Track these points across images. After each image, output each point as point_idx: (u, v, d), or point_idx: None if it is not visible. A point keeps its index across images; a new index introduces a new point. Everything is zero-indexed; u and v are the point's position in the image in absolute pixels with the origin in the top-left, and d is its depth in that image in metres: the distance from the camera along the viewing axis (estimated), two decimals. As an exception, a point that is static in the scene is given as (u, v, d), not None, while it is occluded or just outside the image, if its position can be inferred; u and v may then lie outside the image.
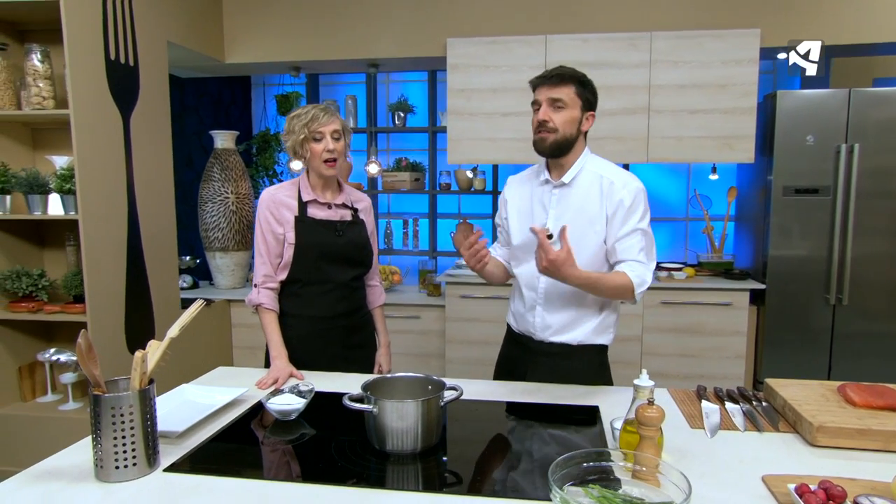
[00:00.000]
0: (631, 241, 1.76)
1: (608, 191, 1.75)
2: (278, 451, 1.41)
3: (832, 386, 1.63)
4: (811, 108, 3.20)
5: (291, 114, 1.97)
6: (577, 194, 1.79)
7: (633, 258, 1.76)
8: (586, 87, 1.77)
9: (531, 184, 1.89)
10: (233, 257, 3.98)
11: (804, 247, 3.29)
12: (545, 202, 1.83)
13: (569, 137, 1.75)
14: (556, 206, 1.81)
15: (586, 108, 1.77)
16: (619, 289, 1.73)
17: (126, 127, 3.00)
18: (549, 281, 1.80)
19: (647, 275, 1.76)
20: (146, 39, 3.12)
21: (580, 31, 3.51)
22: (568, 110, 1.73)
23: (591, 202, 1.78)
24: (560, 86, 1.72)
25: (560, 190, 1.81)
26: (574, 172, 1.79)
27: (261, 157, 4.71)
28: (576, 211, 1.78)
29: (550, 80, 1.73)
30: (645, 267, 1.76)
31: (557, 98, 1.72)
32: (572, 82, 1.73)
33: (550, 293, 1.83)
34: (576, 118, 1.75)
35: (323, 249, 1.97)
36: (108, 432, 1.18)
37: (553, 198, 1.82)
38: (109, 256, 2.89)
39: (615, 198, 1.74)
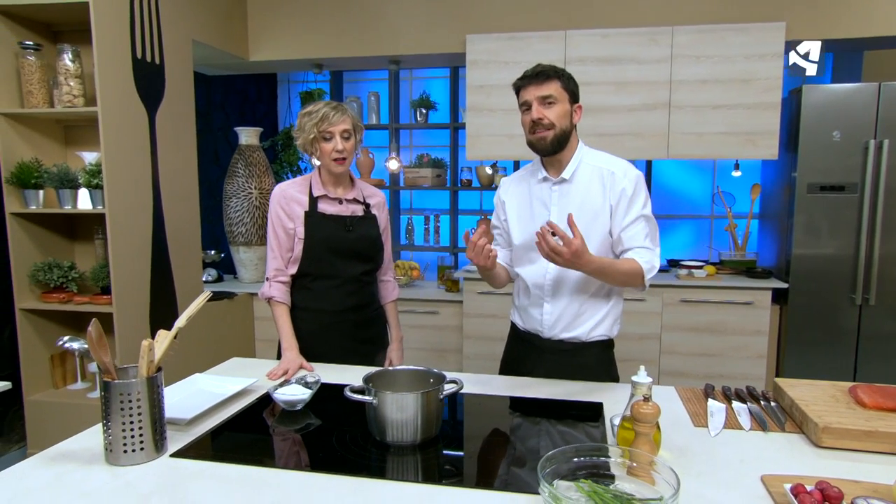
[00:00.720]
0: (636, 229, 1.77)
1: (610, 181, 1.77)
2: (282, 440, 1.45)
3: (843, 387, 1.60)
4: (838, 103, 3.11)
5: (303, 111, 1.99)
6: (579, 189, 1.80)
7: (640, 245, 1.77)
8: (570, 80, 1.78)
9: (528, 183, 1.89)
10: (256, 251, 4.05)
11: (829, 245, 3.21)
12: (545, 200, 1.83)
13: (566, 131, 1.76)
14: (557, 202, 1.81)
15: (573, 100, 1.78)
16: (629, 274, 1.74)
17: (152, 124, 3.08)
18: (556, 276, 1.81)
19: (654, 260, 1.78)
20: (172, 38, 3.20)
21: (600, 26, 3.47)
22: (559, 105, 1.74)
23: (593, 195, 1.78)
24: (547, 82, 1.73)
25: (560, 186, 1.82)
26: (573, 167, 1.80)
27: (285, 154, 4.79)
28: (579, 206, 1.78)
29: (536, 78, 1.74)
30: (652, 252, 1.78)
31: (547, 95, 1.72)
32: (556, 77, 1.74)
33: (558, 288, 1.83)
34: (567, 111, 1.76)
35: (332, 244, 2.00)
36: (116, 417, 1.22)
37: (554, 195, 1.82)
38: (135, 250, 2.98)
39: (617, 188, 1.76)
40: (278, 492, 1.16)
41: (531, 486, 1.20)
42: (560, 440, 1.47)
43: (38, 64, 2.88)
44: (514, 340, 2.03)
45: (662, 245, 4.40)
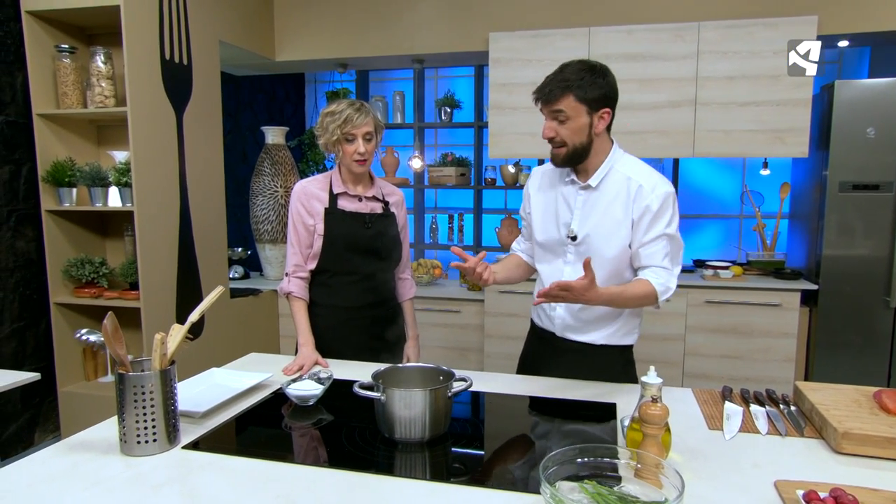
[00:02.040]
0: (656, 247, 1.70)
1: (636, 195, 1.69)
2: (292, 435, 1.47)
3: (868, 391, 1.55)
4: (873, 99, 3.01)
5: (325, 110, 1.98)
6: (604, 198, 1.73)
7: (657, 264, 1.70)
8: (588, 87, 1.64)
9: (557, 180, 1.82)
10: (281, 249, 4.11)
11: (862, 246, 3.11)
12: (571, 203, 1.78)
13: (580, 146, 1.68)
14: (581, 207, 1.76)
15: (595, 108, 1.66)
16: (642, 298, 1.69)
17: (179, 123, 3.15)
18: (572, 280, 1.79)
19: (671, 281, 1.71)
20: (199, 39, 3.27)
21: (624, 22, 3.43)
22: (572, 121, 1.65)
23: (617, 206, 1.71)
24: (557, 99, 1.65)
25: (586, 192, 1.75)
26: (601, 175, 1.73)
27: (311, 153, 4.85)
28: (601, 214, 1.73)
29: (546, 95, 1.66)
30: (669, 273, 1.71)
31: (558, 111, 1.65)
32: (569, 91, 1.63)
33: None
34: (583, 125, 1.66)
35: (350, 240, 2.02)
36: (130, 409, 1.26)
37: (579, 199, 1.76)
38: (162, 246, 3.05)
39: (642, 203, 1.68)
40: (286, 486, 1.17)
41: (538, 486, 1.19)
42: (570, 440, 1.46)
43: (72, 66, 2.97)
44: (532, 337, 2.02)
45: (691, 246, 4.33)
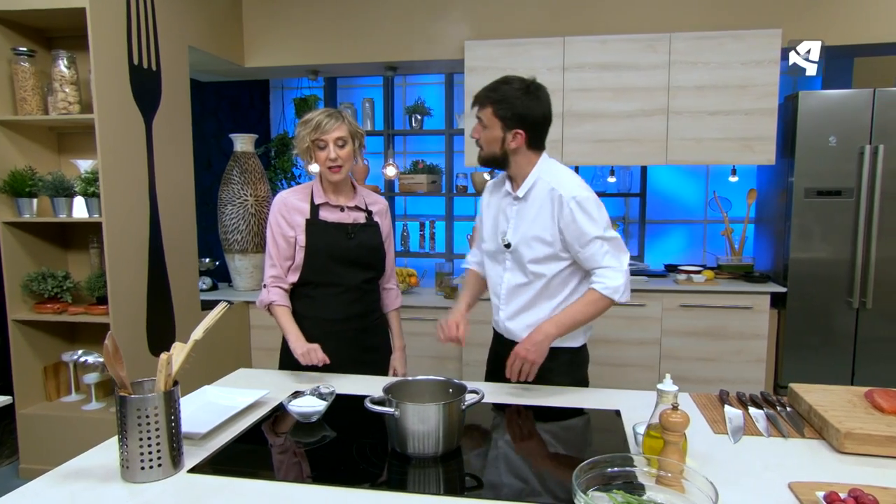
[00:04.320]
0: (593, 249, 1.76)
1: (558, 203, 1.75)
2: (300, 454, 1.42)
3: (859, 392, 1.61)
4: (834, 109, 3.15)
5: (301, 120, 1.99)
6: (532, 208, 1.80)
7: (601, 265, 1.77)
8: (510, 107, 1.72)
9: (500, 192, 1.91)
10: (251, 259, 4.01)
11: (826, 249, 3.24)
12: (507, 213, 1.87)
13: (494, 155, 1.79)
14: (514, 217, 1.84)
15: (510, 126, 1.74)
16: (596, 308, 1.78)
17: (148, 130, 3.04)
18: (508, 288, 1.88)
19: (617, 278, 1.76)
20: (168, 44, 3.17)
21: (598, 32, 3.49)
22: (488, 130, 1.76)
23: (543, 215, 1.78)
24: (482, 107, 1.76)
25: (518, 203, 1.83)
26: (527, 187, 1.80)
27: (279, 160, 4.74)
28: (530, 223, 1.80)
29: (475, 100, 1.78)
30: (614, 270, 1.77)
31: (479, 117, 1.78)
32: (489, 103, 1.74)
33: (510, 300, 1.89)
34: (497, 138, 1.76)
35: (333, 252, 1.99)
36: (133, 433, 1.19)
37: (512, 209, 1.85)
38: (132, 258, 2.93)
39: (565, 210, 1.74)
40: (303, 507, 1.13)
41: (556, 495, 1.19)
42: (580, 449, 1.46)
43: (31, 70, 2.83)
44: (494, 341, 2.09)
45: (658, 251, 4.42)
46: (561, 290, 1.83)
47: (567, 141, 3.50)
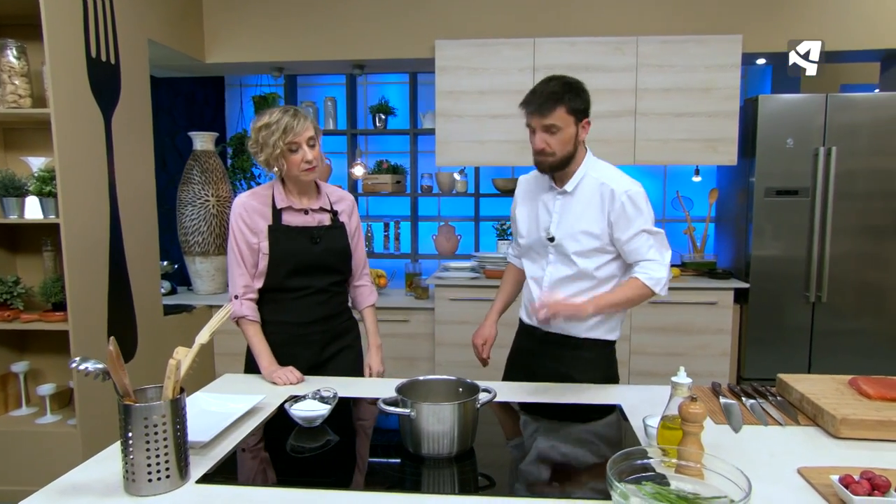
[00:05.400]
0: (639, 242, 1.80)
1: (609, 197, 1.80)
2: (309, 458, 1.37)
3: (843, 380, 1.68)
4: (790, 113, 3.31)
5: (257, 123, 1.83)
6: (579, 202, 1.84)
7: (644, 258, 1.82)
8: (576, 98, 1.75)
9: (540, 187, 1.93)
10: (213, 262, 3.87)
11: (785, 246, 3.39)
12: (550, 207, 1.89)
13: (568, 155, 1.80)
14: (559, 211, 1.87)
15: (580, 119, 1.78)
16: (636, 294, 1.81)
17: (108, 127, 2.89)
18: (551, 281, 1.88)
19: (660, 270, 1.81)
20: (127, 37, 3.02)
21: (568, 34, 3.54)
22: (563, 132, 1.75)
23: (592, 209, 1.82)
24: (550, 112, 1.72)
25: (563, 197, 1.86)
26: (576, 181, 1.84)
27: (237, 160, 4.60)
28: (576, 218, 1.83)
29: (540, 108, 1.73)
30: (657, 263, 1.82)
31: (550, 125, 1.73)
32: (560, 103, 1.72)
33: (554, 289, 1.87)
34: (572, 135, 1.77)
35: (298, 259, 1.90)
36: (140, 444, 1.12)
37: (557, 203, 1.87)
38: (91, 262, 2.77)
39: (616, 204, 1.79)
40: (326, 514, 1.09)
41: (568, 491, 1.21)
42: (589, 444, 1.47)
43: (-25, 61, 2.64)
44: (520, 335, 2.06)
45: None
46: (605, 284, 1.85)
47: (537, 141, 3.53)
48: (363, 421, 1.62)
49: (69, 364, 1.08)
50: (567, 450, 1.42)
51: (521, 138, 3.60)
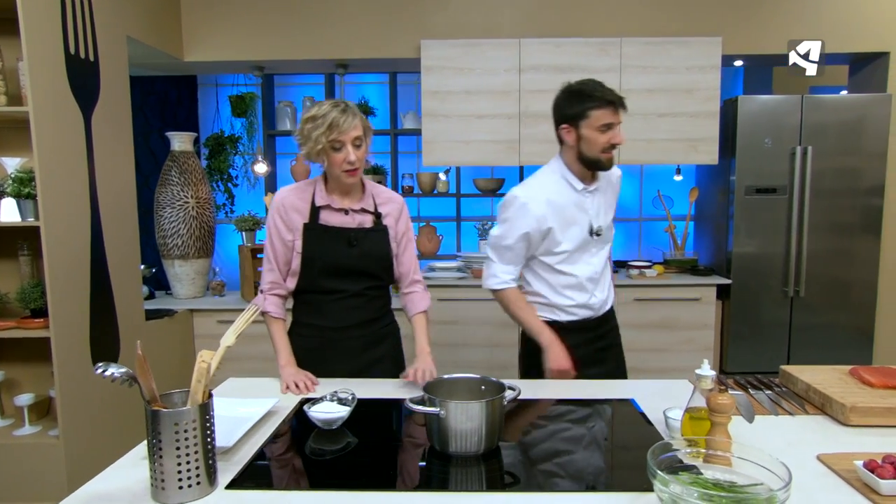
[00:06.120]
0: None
1: (617, 182, 2.16)
2: (333, 461, 1.35)
3: (843, 370, 1.74)
4: (768, 113, 3.42)
5: (306, 114, 1.76)
6: (604, 194, 2.08)
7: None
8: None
9: (567, 195, 1.98)
10: (193, 265, 3.78)
11: (764, 243, 3.50)
12: (585, 206, 2.01)
13: None
14: (595, 206, 2.03)
15: None
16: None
17: (87, 126, 2.79)
18: (598, 271, 2.07)
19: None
20: (106, 33, 2.92)
21: (553, 35, 3.58)
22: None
23: (610, 197, 2.13)
24: (623, 111, 1.93)
25: (591, 194, 2.03)
26: (599, 177, 2.05)
27: (214, 161, 4.50)
28: (607, 206, 2.10)
29: (622, 105, 1.91)
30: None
31: (621, 122, 1.93)
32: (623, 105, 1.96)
33: (601, 280, 2.10)
34: None
35: (330, 262, 1.82)
36: (170, 450, 1.08)
37: (590, 200, 2.02)
38: (73, 266, 2.67)
39: (619, 184, 2.18)
40: (366, 516, 1.07)
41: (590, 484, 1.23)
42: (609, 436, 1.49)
43: (-54, 57, 2.52)
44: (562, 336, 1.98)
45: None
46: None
47: (524, 141, 3.56)
48: (380, 421, 1.60)
49: (94, 370, 1.04)
50: (588, 443, 1.43)
51: (507, 138, 3.64)
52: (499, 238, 2.01)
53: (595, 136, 1.87)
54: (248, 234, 3.75)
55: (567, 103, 1.93)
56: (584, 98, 1.87)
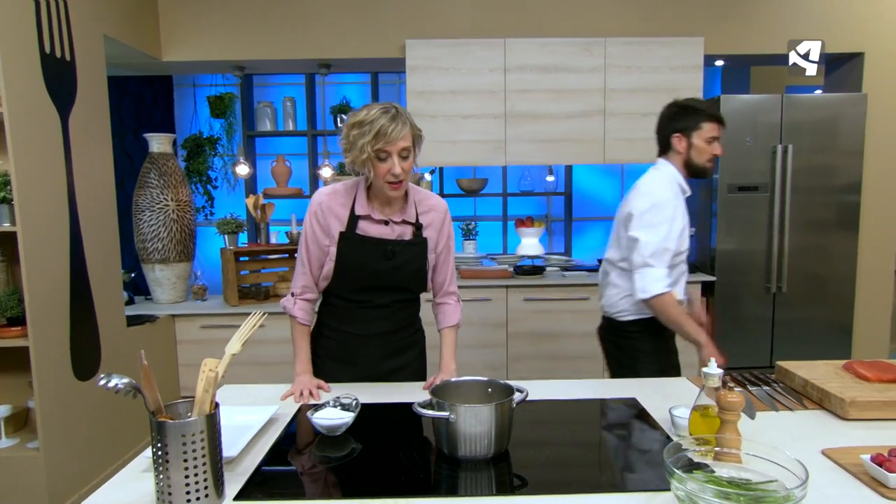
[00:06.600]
0: None
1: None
2: (340, 468, 1.32)
3: (837, 364, 1.77)
4: (750, 112, 3.47)
5: (352, 120, 1.61)
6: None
7: None
8: None
9: (680, 199, 2.12)
10: (174, 269, 3.69)
11: (747, 240, 3.55)
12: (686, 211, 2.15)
13: None
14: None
15: None
16: None
17: (65, 128, 2.71)
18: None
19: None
20: (82, 32, 2.84)
21: (538, 35, 3.58)
22: None
23: None
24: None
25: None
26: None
27: (193, 163, 4.42)
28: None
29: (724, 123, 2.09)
30: None
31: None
32: None
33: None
34: None
35: (363, 274, 1.73)
36: (177, 462, 1.05)
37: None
38: (52, 273, 2.59)
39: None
40: (382, 525, 1.05)
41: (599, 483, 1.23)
42: (618, 437, 1.49)
43: (-85, 56, 2.41)
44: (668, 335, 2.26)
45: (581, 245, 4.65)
46: None
47: (510, 141, 3.56)
48: (387, 426, 1.57)
49: (97, 382, 0.99)
50: (596, 443, 1.43)
51: (494, 138, 3.64)
52: (661, 242, 2.02)
53: (704, 146, 2.07)
54: (230, 236, 3.68)
55: (681, 115, 2.12)
56: (698, 112, 2.08)
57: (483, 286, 3.48)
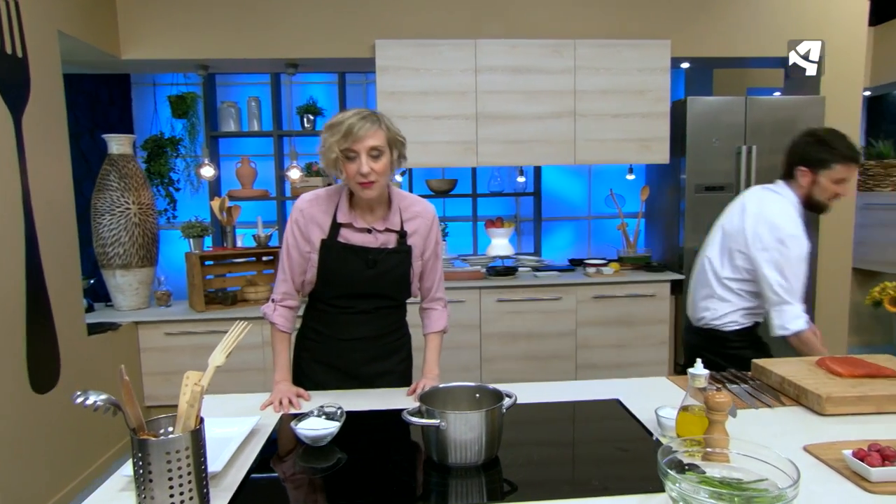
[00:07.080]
0: None
1: None
2: (330, 479, 1.28)
3: (810, 361, 1.81)
4: (715, 113, 3.55)
5: (328, 122, 1.62)
6: None
7: None
8: None
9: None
10: (136, 275, 3.57)
11: (713, 239, 3.62)
12: None
13: None
14: None
15: None
16: None
17: (17, 129, 2.58)
18: None
19: None
20: (35, 27, 2.71)
21: (508, 36, 3.59)
22: None
23: None
24: None
25: None
26: None
27: (154, 164, 4.27)
28: None
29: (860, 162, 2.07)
30: None
31: None
32: None
33: None
34: None
35: (346, 281, 1.72)
36: (161, 481, 1.00)
37: None
38: (5, 278, 2.46)
39: None
40: (377, 538, 1.02)
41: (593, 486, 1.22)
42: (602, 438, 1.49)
43: None
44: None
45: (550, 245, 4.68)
46: None
47: (481, 142, 3.56)
48: (374, 434, 1.54)
49: (73, 399, 0.94)
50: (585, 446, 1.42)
51: (465, 139, 3.63)
52: (793, 280, 2.01)
53: (829, 186, 1.99)
54: (195, 240, 3.58)
55: (813, 148, 2.02)
56: (832, 150, 1.97)
57: (456, 287, 3.47)
